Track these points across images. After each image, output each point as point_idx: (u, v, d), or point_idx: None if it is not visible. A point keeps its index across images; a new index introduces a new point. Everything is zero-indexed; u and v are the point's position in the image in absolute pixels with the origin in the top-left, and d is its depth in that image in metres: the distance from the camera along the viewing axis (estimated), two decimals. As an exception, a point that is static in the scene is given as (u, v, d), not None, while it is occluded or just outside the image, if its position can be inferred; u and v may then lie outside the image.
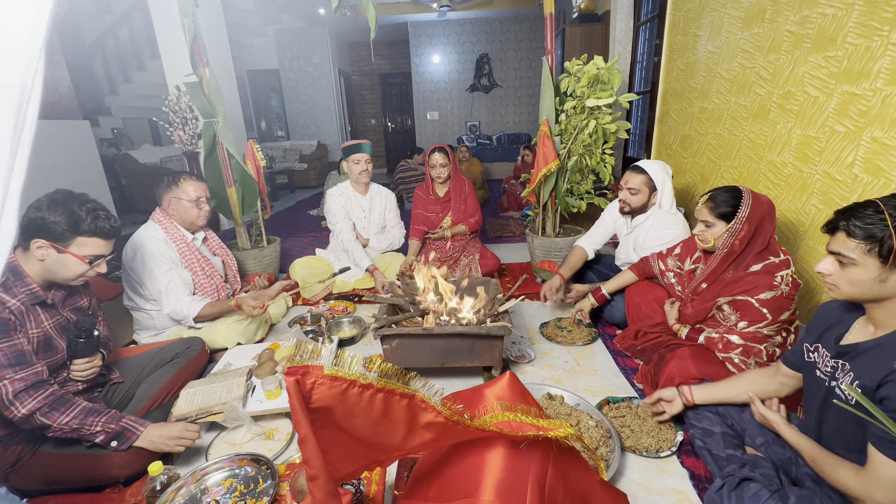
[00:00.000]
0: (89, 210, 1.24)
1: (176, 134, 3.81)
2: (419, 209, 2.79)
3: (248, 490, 1.16)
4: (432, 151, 2.68)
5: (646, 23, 3.87)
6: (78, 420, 1.15)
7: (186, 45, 2.40)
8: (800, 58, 1.80)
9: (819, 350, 1.03)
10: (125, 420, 1.23)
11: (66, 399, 1.17)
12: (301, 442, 0.60)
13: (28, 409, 1.10)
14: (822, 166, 1.71)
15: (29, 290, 1.20)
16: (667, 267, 1.78)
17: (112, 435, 1.19)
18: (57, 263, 1.21)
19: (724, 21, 2.34)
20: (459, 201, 2.76)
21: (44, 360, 1.21)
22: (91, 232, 1.23)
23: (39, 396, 1.12)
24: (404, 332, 1.58)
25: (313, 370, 0.60)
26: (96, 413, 1.19)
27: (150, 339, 1.95)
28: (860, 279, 0.87)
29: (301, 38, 7.62)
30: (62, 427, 1.14)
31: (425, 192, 2.80)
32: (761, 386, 1.20)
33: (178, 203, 1.92)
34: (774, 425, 1.08)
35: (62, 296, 1.32)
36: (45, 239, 1.18)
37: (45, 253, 1.20)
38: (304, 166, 7.30)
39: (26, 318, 1.18)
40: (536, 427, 0.74)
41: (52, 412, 1.13)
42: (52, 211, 1.18)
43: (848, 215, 0.89)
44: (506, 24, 7.92)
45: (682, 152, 2.86)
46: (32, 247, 1.19)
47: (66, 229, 1.20)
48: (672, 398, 1.31)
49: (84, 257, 1.23)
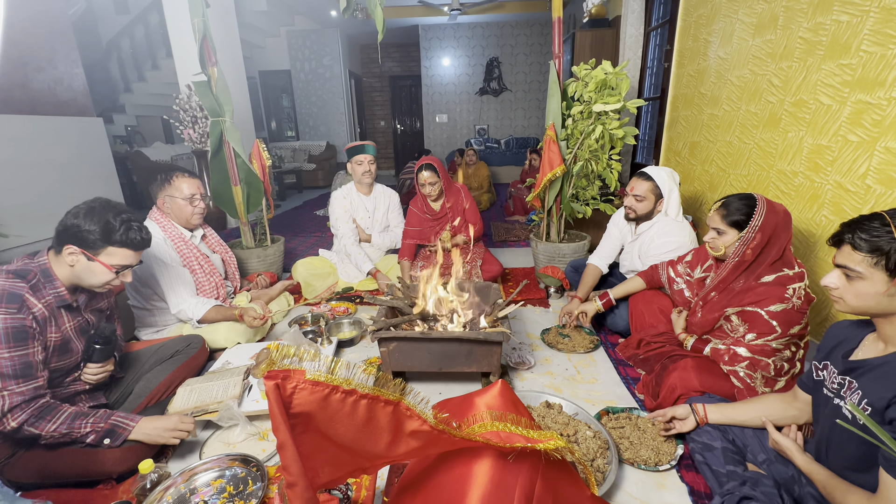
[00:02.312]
0: (123, 221, 1.26)
1: (186, 132, 3.85)
2: (413, 226, 2.63)
3: (238, 491, 1.15)
4: (419, 170, 2.50)
5: (656, 28, 3.84)
6: (66, 425, 1.16)
7: (196, 45, 2.42)
8: (813, 65, 1.76)
9: (828, 367, 1.00)
10: (115, 417, 1.23)
11: (52, 407, 1.17)
12: (280, 448, 0.59)
13: (18, 422, 1.11)
14: (834, 176, 1.67)
15: (57, 292, 1.23)
16: (677, 274, 1.74)
17: (103, 433, 1.20)
18: (85, 270, 1.24)
19: (736, 27, 2.30)
20: (457, 214, 2.60)
21: (56, 364, 1.23)
22: (122, 243, 1.26)
23: (29, 409, 1.13)
24: (402, 335, 1.56)
25: (294, 374, 0.59)
26: (83, 416, 1.19)
27: (152, 335, 1.96)
28: (867, 293, 0.85)
29: (312, 40, 7.69)
30: (52, 434, 1.15)
31: (420, 210, 2.62)
32: (779, 411, 1.16)
33: (173, 201, 1.92)
34: (788, 453, 1.05)
35: (86, 298, 1.34)
36: (78, 246, 1.21)
37: (75, 259, 1.22)
38: (313, 166, 7.35)
39: (48, 324, 1.20)
40: (526, 438, 0.72)
41: (38, 422, 1.14)
42: (88, 219, 1.21)
43: (853, 228, 0.86)
44: (516, 28, 7.91)
45: (691, 159, 2.82)
46: (64, 252, 1.21)
47: (99, 238, 1.22)
48: (685, 416, 1.26)
49: (112, 266, 1.26)
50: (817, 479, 0.96)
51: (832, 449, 0.96)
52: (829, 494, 0.92)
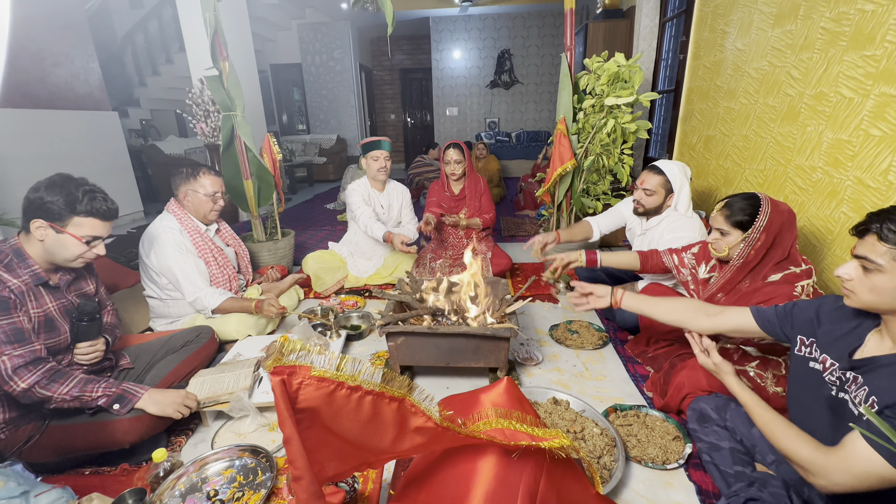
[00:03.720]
0: (86, 192, 1.27)
1: (198, 126, 3.89)
2: (433, 207, 2.79)
3: (247, 481, 1.18)
4: (447, 147, 2.69)
5: (672, 18, 3.75)
6: (78, 388, 1.20)
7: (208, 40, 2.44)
8: (834, 57, 1.70)
9: (814, 346, 0.99)
10: (125, 385, 1.29)
11: (63, 372, 1.22)
12: (286, 442, 0.60)
13: (28, 383, 1.14)
14: (854, 172, 1.62)
15: (31, 270, 1.24)
16: (682, 264, 1.70)
17: (114, 398, 1.24)
18: (56, 244, 1.25)
19: (755, 17, 2.24)
20: (474, 198, 2.75)
21: (46, 341, 1.26)
22: (87, 212, 1.26)
23: (38, 371, 1.16)
24: (409, 329, 1.57)
25: (300, 370, 0.59)
26: (95, 381, 1.24)
27: (165, 326, 2.00)
28: (884, 287, 0.82)
29: (323, 33, 7.68)
30: (63, 397, 1.18)
31: (440, 189, 2.82)
32: (692, 318, 1.19)
33: (195, 195, 1.95)
34: (721, 375, 1.06)
35: (67, 280, 1.36)
36: (44, 219, 1.22)
37: (44, 233, 1.23)
38: (324, 160, 7.38)
39: (27, 298, 1.22)
40: (530, 436, 0.72)
41: (51, 384, 1.17)
42: (50, 192, 1.22)
43: (883, 218, 0.83)
44: (528, 19, 7.80)
45: (706, 154, 2.76)
46: (32, 227, 1.22)
47: (63, 209, 1.23)
48: (603, 295, 1.37)
49: (81, 237, 1.26)
50: (756, 413, 0.95)
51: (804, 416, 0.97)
52: (772, 435, 0.91)
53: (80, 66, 4.06)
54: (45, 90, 3.71)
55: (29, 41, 3.56)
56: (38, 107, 3.62)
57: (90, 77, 4.18)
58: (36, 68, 3.63)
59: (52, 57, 3.77)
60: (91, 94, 4.17)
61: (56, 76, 3.82)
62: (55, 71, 3.81)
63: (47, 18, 3.73)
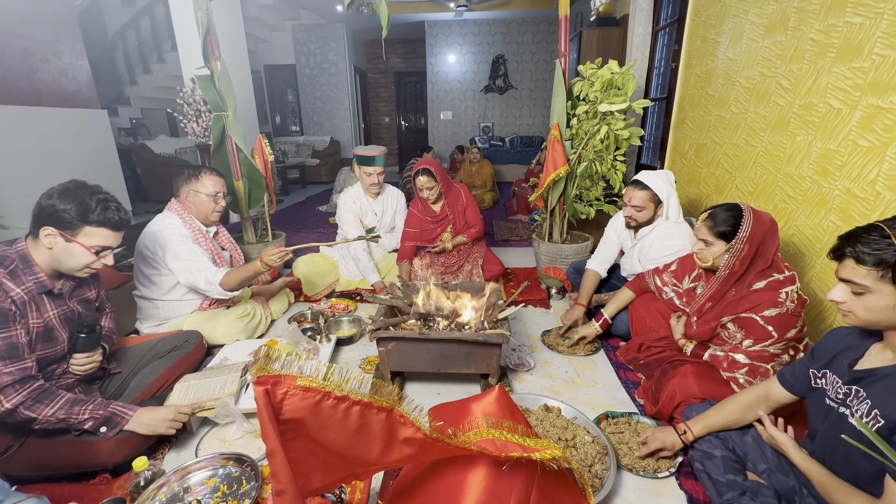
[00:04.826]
0: (99, 200, 1.23)
1: (189, 126, 3.84)
2: (413, 227, 2.63)
3: (231, 491, 1.14)
4: (416, 175, 2.52)
5: (665, 27, 3.79)
6: (64, 411, 1.15)
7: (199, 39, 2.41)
8: (823, 68, 1.73)
9: (827, 377, 0.98)
10: (113, 406, 1.23)
11: (50, 392, 1.16)
12: (269, 454, 0.58)
13: (12, 403, 1.10)
14: (843, 181, 1.64)
15: (36, 278, 1.20)
16: (663, 283, 1.74)
17: (101, 420, 1.19)
18: (64, 253, 1.21)
19: (746, 28, 2.26)
20: (458, 215, 2.62)
21: (41, 351, 1.21)
22: (100, 222, 1.23)
23: (24, 391, 1.12)
24: (400, 335, 1.55)
25: (285, 380, 0.57)
26: (82, 402, 1.19)
27: (152, 329, 1.95)
28: (877, 306, 0.82)
29: (318, 35, 7.66)
30: (48, 419, 1.14)
31: (420, 212, 2.63)
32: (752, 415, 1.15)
33: (196, 196, 1.92)
34: (784, 447, 1.03)
35: (70, 286, 1.32)
36: (54, 227, 1.18)
37: (53, 241, 1.19)
38: (317, 162, 7.33)
39: (28, 308, 1.18)
40: (522, 447, 0.70)
41: (36, 405, 1.13)
42: (64, 199, 1.18)
43: (853, 241, 0.84)
44: (523, 25, 7.85)
45: (697, 161, 2.78)
46: (41, 234, 1.18)
47: (75, 218, 1.19)
48: (672, 445, 1.25)
49: (91, 247, 1.23)
50: (815, 477, 0.94)
51: (838, 460, 0.94)
52: (829, 496, 0.90)
53: (68, 62, 3.99)
54: (32, 87, 3.64)
55: (16, 37, 3.49)
56: (24, 103, 3.54)
57: (79, 74, 4.10)
58: (23, 64, 3.56)
59: (39, 53, 3.70)
60: (80, 92, 4.10)
61: (43, 73, 3.75)
62: (43, 67, 3.74)
63: (35, 14, 3.67)
